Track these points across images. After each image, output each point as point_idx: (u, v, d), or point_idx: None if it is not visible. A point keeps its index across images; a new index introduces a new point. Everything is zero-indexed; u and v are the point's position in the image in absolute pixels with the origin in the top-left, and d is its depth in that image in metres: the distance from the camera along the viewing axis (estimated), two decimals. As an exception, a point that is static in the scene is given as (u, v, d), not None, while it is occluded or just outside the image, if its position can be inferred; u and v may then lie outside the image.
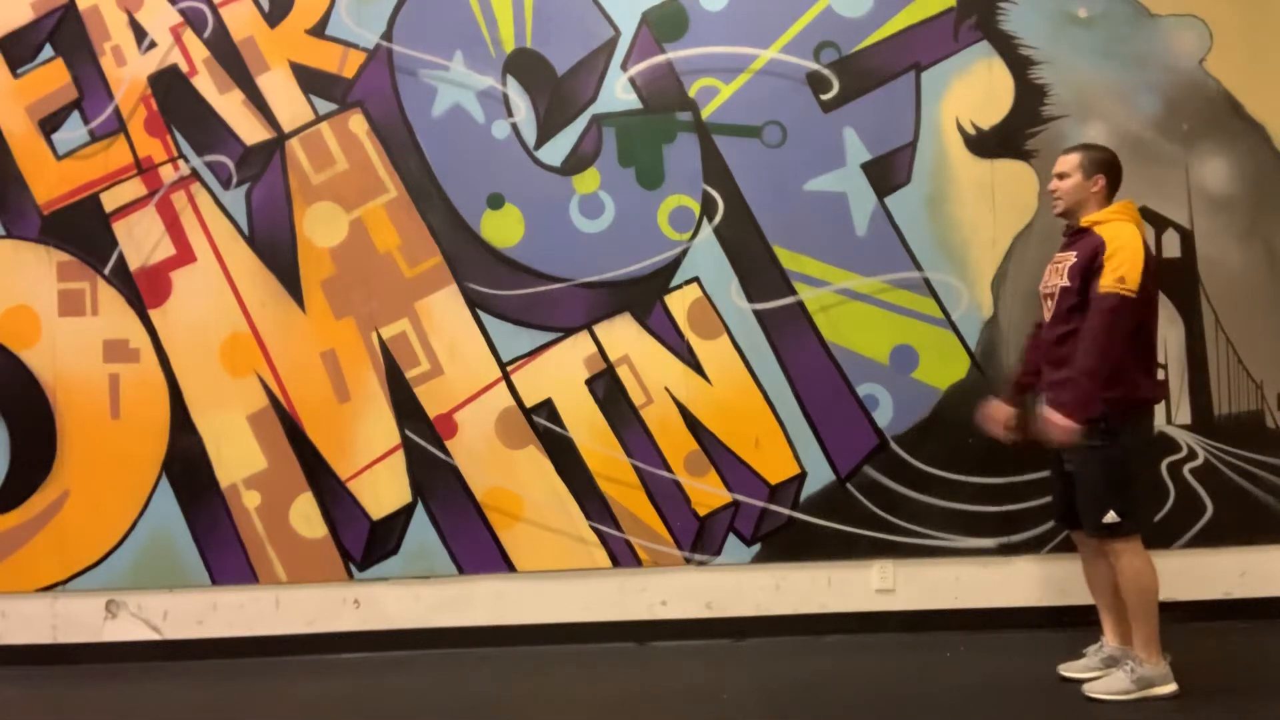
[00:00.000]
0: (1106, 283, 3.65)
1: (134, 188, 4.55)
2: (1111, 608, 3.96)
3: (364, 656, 4.53)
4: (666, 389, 4.60)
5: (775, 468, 4.60)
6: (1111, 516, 3.71)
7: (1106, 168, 3.87)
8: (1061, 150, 4.03)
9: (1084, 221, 3.83)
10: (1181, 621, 4.53)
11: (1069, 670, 4.00)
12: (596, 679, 4.27)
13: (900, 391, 4.60)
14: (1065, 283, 3.79)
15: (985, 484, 4.60)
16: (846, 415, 4.60)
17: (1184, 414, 4.64)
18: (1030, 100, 4.63)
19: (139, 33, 4.56)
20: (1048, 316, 3.90)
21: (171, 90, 4.56)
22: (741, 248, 4.60)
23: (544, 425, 4.59)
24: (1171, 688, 3.76)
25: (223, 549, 4.55)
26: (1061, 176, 3.91)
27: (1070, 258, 3.81)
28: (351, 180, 4.57)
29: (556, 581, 4.61)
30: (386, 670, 4.41)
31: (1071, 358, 3.70)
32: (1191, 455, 4.63)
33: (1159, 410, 4.61)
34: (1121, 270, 3.64)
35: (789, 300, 4.60)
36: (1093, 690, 3.80)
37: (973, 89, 4.61)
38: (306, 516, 4.55)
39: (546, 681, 4.25)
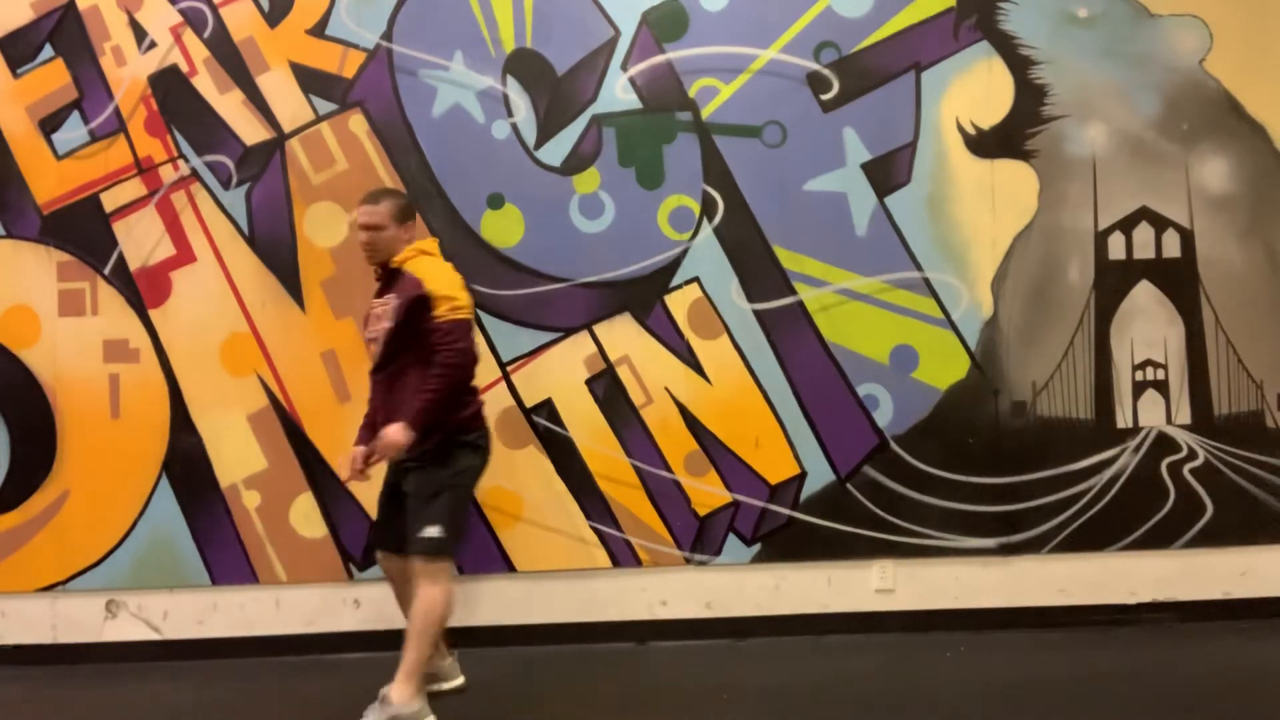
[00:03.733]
0: (442, 312, 3.69)
1: (134, 188, 4.55)
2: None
3: (364, 656, 4.52)
4: (666, 389, 4.60)
5: (775, 468, 4.60)
6: (430, 532, 3.67)
7: (412, 213, 3.93)
8: (372, 199, 3.88)
9: (395, 263, 3.82)
10: (1181, 621, 4.55)
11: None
12: (596, 679, 4.28)
13: (900, 391, 4.60)
14: (390, 324, 3.76)
15: (985, 484, 4.61)
16: (846, 415, 4.60)
17: (1184, 414, 4.64)
18: (1030, 100, 4.63)
19: (139, 33, 4.56)
20: (374, 362, 3.87)
21: (171, 90, 4.56)
22: (741, 248, 4.60)
23: (544, 425, 4.59)
24: None
25: (223, 549, 4.55)
26: (374, 229, 3.83)
27: (390, 300, 3.79)
28: (351, 180, 4.56)
29: (556, 581, 4.61)
30: (386, 670, 4.38)
31: (404, 395, 3.70)
32: (1192, 455, 4.63)
33: (1159, 410, 4.62)
34: (454, 298, 3.72)
35: (789, 300, 4.60)
36: None
37: (973, 89, 4.62)
38: (306, 516, 4.55)
39: (546, 681, 4.25)
